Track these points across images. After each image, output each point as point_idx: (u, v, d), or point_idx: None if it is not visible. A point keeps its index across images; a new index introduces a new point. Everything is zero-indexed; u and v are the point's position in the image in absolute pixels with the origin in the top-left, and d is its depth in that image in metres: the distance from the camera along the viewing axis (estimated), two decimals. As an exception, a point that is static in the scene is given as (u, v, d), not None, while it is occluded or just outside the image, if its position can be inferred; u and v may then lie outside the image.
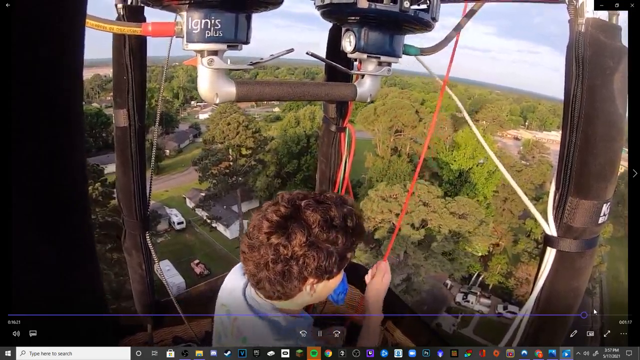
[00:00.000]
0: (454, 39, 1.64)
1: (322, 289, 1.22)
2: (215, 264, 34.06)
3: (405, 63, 1.63)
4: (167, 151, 51.53)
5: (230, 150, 36.28)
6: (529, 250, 33.14)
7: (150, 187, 1.90)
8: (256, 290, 1.24)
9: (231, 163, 36.30)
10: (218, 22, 1.14)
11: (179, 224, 38.17)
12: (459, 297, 33.96)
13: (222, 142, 36.44)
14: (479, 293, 34.34)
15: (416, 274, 29.00)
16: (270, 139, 40.94)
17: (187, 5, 1.12)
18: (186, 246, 36.33)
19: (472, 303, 33.32)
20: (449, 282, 35.24)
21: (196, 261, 34.23)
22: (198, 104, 78.31)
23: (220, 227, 38.56)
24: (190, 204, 40.37)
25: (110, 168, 40.63)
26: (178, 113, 67.41)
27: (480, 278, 36.21)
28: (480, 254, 36.52)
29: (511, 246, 36.51)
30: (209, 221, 36.85)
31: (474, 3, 1.55)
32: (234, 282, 1.37)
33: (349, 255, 1.21)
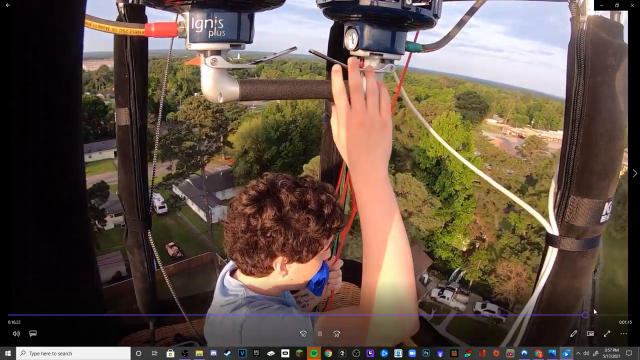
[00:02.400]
0: (455, 36, 1.63)
1: (295, 272, 1.24)
2: (189, 246, 35.57)
3: (411, 60, 1.63)
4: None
5: (188, 128, 36.92)
6: (512, 245, 32.03)
7: (152, 186, 1.90)
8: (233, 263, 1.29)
9: (195, 143, 36.79)
10: (221, 21, 1.14)
11: (160, 207, 39.37)
12: (434, 293, 32.39)
13: (184, 122, 37.28)
14: (456, 289, 32.93)
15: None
16: (232, 119, 40.85)
17: (190, 5, 1.12)
18: (165, 228, 37.46)
19: (448, 299, 31.82)
20: (426, 276, 33.79)
21: (171, 243, 35.21)
22: (201, 95, 78.65)
23: (201, 213, 39.50)
24: (176, 189, 41.24)
25: (105, 154, 41.77)
26: (179, 104, 67.85)
27: (461, 274, 35.10)
28: (465, 249, 35.79)
29: (495, 241, 35.43)
30: (173, 199, 37.95)
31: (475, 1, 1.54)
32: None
33: (324, 242, 1.21)
